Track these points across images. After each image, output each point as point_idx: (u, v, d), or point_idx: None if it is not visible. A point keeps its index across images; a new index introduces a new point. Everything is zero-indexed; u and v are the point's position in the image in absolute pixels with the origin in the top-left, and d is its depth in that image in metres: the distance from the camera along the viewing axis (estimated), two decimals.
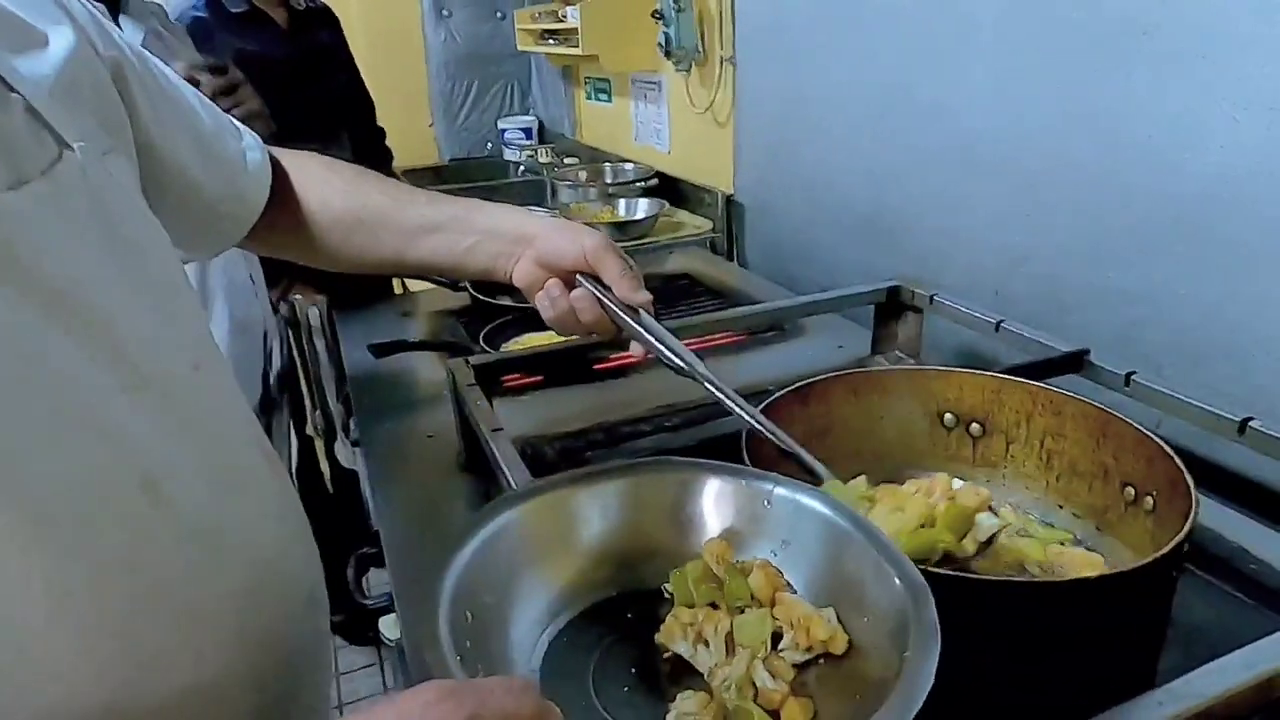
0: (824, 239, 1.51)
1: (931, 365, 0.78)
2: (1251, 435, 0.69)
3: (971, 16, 1.09)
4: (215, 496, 0.48)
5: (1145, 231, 0.91)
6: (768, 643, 0.45)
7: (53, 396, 0.41)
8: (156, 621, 0.43)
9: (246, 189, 0.70)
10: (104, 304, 0.44)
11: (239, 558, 0.49)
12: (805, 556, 0.49)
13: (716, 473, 0.53)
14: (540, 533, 0.50)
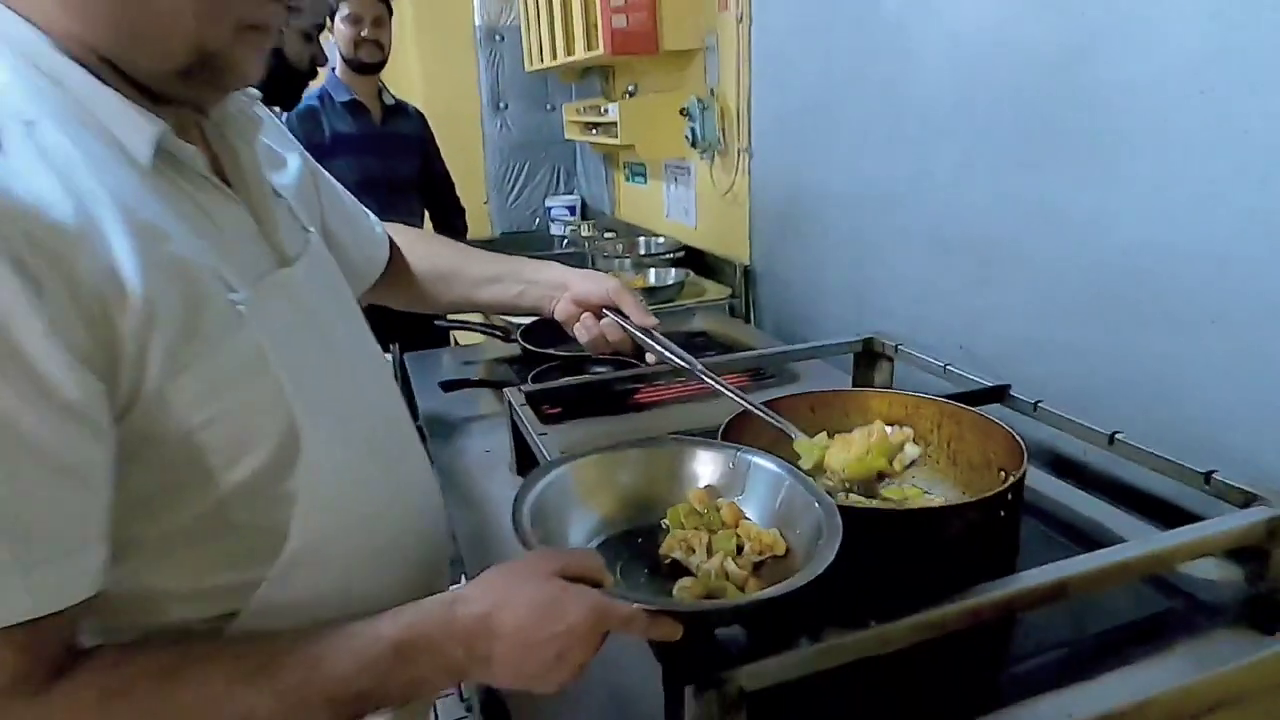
0: (822, 303, 1.75)
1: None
2: (1118, 446, 0.90)
3: (934, 121, 1.34)
4: (395, 443, 0.74)
5: (1072, 296, 1.13)
6: (733, 549, 0.68)
7: (323, 379, 0.66)
8: (401, 494, 0.70)
9: (375, 253, 1.00)
10: (336, 328, 0.71)
11: (418, 477, 0.76)
12: (758, 497, 0.72)
13: (701, 446, 0.77)
14: (583, 482, 0.74)
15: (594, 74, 2.95)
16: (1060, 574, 0.67)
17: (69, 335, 0.47)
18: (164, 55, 0.55)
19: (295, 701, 0.52)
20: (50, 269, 0.46)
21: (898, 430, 0.85)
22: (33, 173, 0.48)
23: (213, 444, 0.55)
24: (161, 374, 0.51)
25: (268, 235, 0.66)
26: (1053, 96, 1.11)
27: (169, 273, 0.52)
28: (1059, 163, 1.12)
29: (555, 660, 0.55)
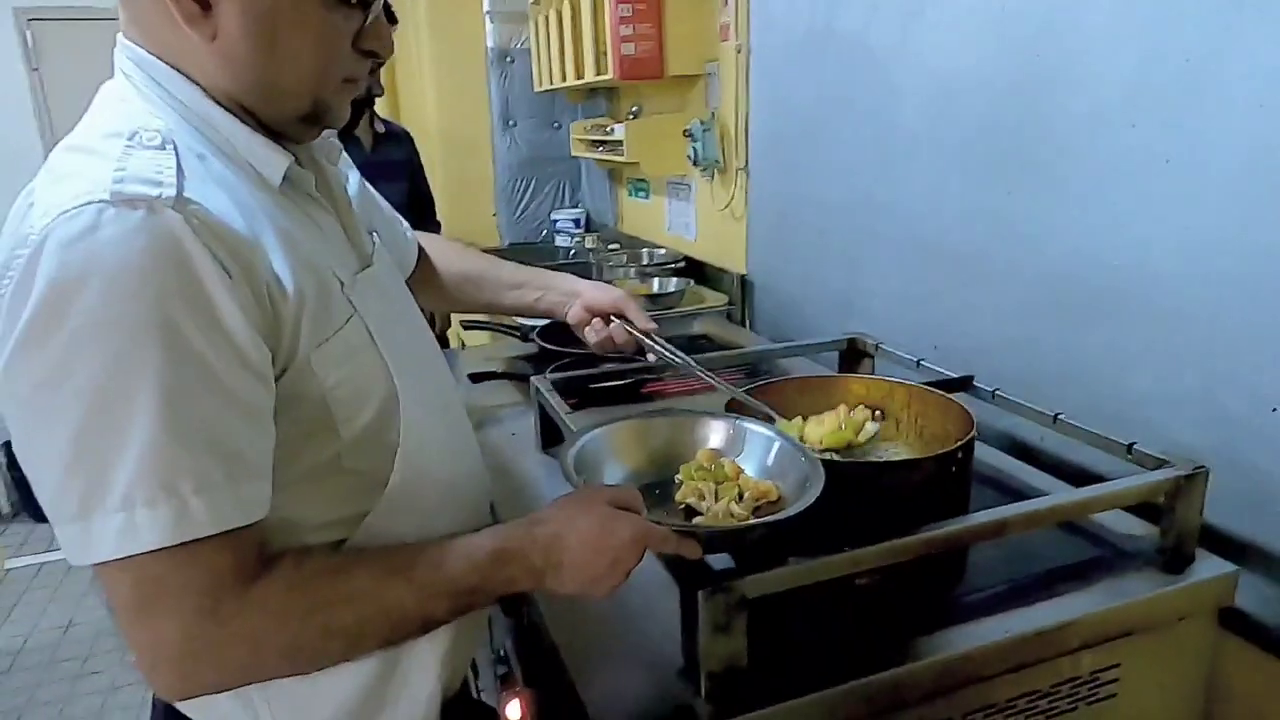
0: (813, 308, 1.91)
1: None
2: (1060, 424, 1.06)
3: (912, 145, 1.51)
4: (457, 408, 0.90)
5: (1026, 298, 1.29)
6: (736, 496, 0.84)
7: (411, 353, 0.81)
8: (462, 445, 0.87)
9: (407, 253, 1.16)
10: (409, 314, 0.87)
11: (470, 435, 0.91)
12: (755, 456, 0.88)
13: (708, 416, 0.93)
14: (614, 443, 0.91)
15: (600, 95, 3.12)
16: (999, 516, 0.83)
17: (252, 314, 0.62)
18: (292, 105, 0.71)
19: (427, 593, 0.68)
20: (236, 265, 0.61)
21: (861, 409, 1.01)
22: (214, 197, 0.63)
23: (339, 402, 0.69)
24: (306, 347, 0.67)
25: (352, 239, 0.81)
26: (1011, 125, 1.28)
27: (307, 270, 0.68)
28: (1015, 182, 1.29)
29: (609, 567, 0.70)
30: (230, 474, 0.61)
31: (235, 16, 0.64)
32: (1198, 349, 1.03)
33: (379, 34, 0.73)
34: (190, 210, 0.60)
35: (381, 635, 0.68)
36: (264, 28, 0.65)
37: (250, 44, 0.66)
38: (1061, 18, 1.17)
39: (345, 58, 0.71)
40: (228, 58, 0.66)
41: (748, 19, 2.01)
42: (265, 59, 0.67)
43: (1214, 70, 0.98)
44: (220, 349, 0.60)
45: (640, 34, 2.22)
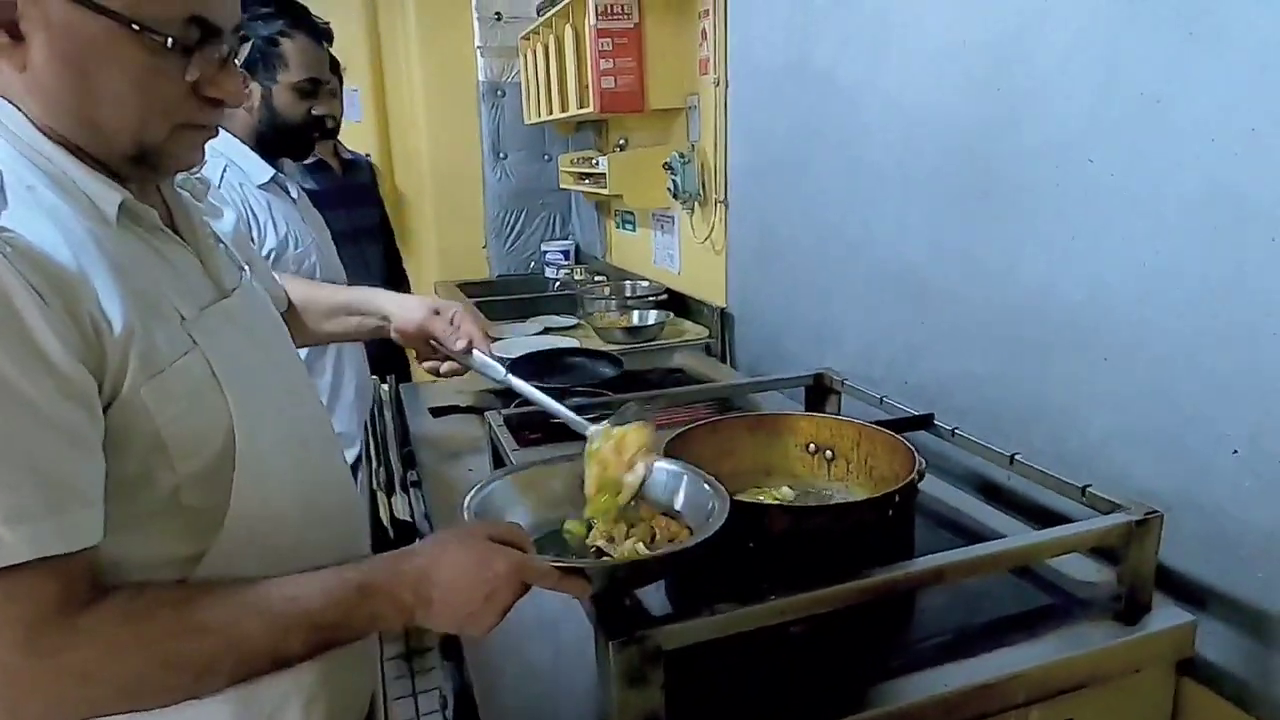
0: (789, 341, 1.89)
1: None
2: (1016, 465, 1.03)
3: (881, 179, 1.50)
4: (322, 445, 0.87)
5: (990, 334, 1.27)
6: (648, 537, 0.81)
7: (263, 386, 0.78)
8: (322, 483, 0.83)
9: (279, 295, 1.11)
10: (274, 353, 0.84)
11: (334, 471, 0.88)
12: (666, 494, 0.86)
13: None
14: (521, 487, 0.88)
15: (588, 127, 3.14)
16: (938, 562, 0.80)
17: (72, 343, 0.59)
18: (111, 146, 0.68)
19: (281, 626, 0.65)
20: (56, 295, 0.59)
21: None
22: (39, 225, 0.61)
23: (174, 438, 0.66)
24: (136, 380, 0.64)
25: (210, 272, 0.78)
26: (974, 159, 1.26)
27: (139, 303, 0.65)
28: (978, 216, 1.27)
29: (484, 602, 0.68)
30: (50, 501, 0.58)
31: (43, 49, 0.62)
32: (1158, 387, 1.00)
33: (220, 81, 0.69)
34: (5, 238, 0.58)
35: (230, 670, 0.65)
36: (73, 65, 0.63)
37: (59, 80, 0.64)
38: (1019, 54, 1.16)
39: (177, 102, 0.68)
40: (39, 91, 0.65)
41: (725, 53, 2.01)
42: (77, 97, 0.65)
43: (1169, 105, 0.96)
44: (36, 376, 0.58)
45: (620, 68, 2.23)
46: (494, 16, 3.18)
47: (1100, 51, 1.04)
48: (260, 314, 0.86)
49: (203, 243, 0.79)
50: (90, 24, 0.62)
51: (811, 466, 1.05)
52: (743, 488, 0.98)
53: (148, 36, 0.63)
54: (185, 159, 0.73)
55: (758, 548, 0.80)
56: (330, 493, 0.85)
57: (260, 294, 0.89)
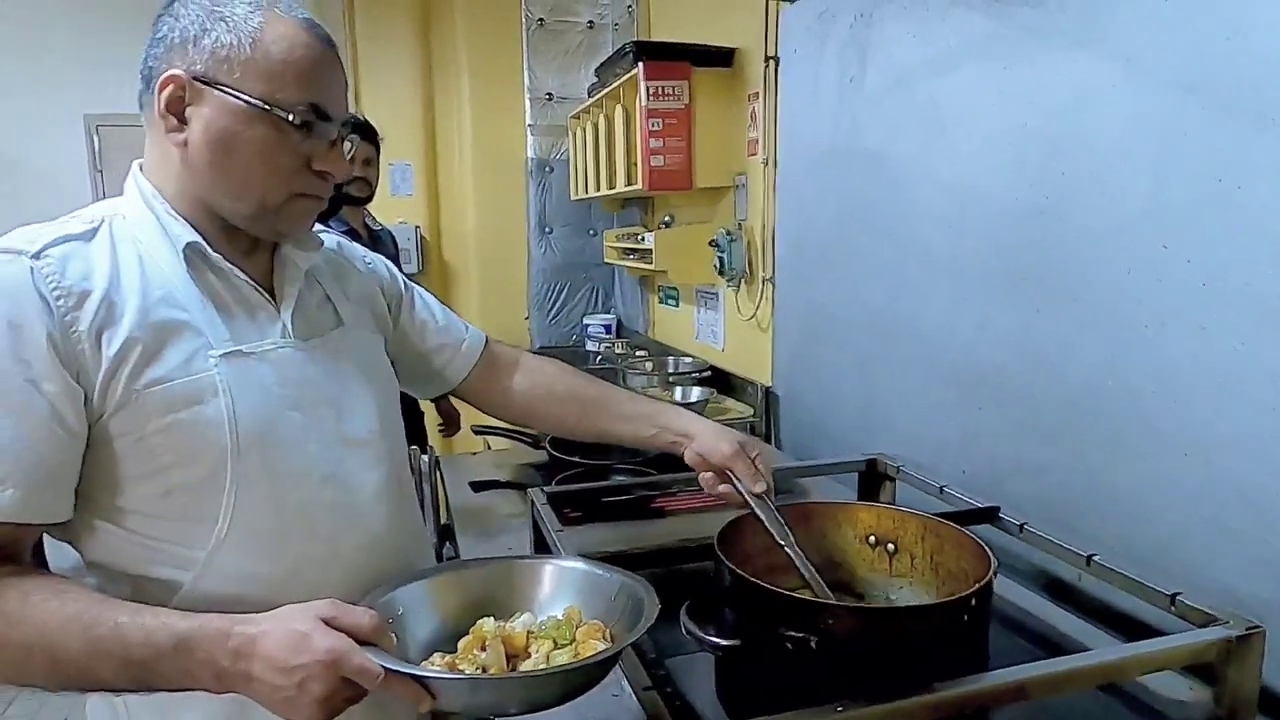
0: (836, 423, 1.84)
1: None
2: (1094, 567, 0.96)
3: (930, 260, 1.47)
4: (370, 497, 0.89)
5: (1049, 421, 1.21)
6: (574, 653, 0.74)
7: (279, 424, 0.82)
8: (328, 529, 0.85)
9: (455, 362, 1.13)
10: (326, 398, 0.87)
11: (372, 525, 0.88)
12: (602, 600, 0.80)
13: (543, 561, 0.86)
14: (442, 589, 0.82)
15: (634, 204, 3.17)
16: (1020, 676, 0.73)
17: (66, 353, 0.72)
18: (237, 207, 0.82)
19: (97, 650, 0.68)
20: (68, 310, 0.73)
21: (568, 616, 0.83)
22: (97, 262, 0.77)
23: (164, 446, 0.76)
24: (126, 390, 0.75)
25: (283, 319, 0.87)
26: (1032, 243, 1.23)
27: (156, 326, 0.77)
28: (1036, 301, 1.23)
29: (298, 689, 0.66)
30: None
31: (200, 130, 0.79)
32: (1243, 484, 0.93)
33: (330, 158, 0.84)
34: (41, 263, 0.74)
35: (44, 672, 0.70)
36: (220, 141, 0.79)
37: (208, 153, 0.80)
38: (1075, 135, 1.14)
39: (294, 173, 0.82)
40: (192, 164, 0.81)
41: (775, 135, 2.03)
42: (217, 166, 0.80)
43: (1246, 189, 0.92)
44: (22, 371, 0.71)
45: (670, 147, 2.25)
46: (545, 96, 3.27)
47: (1159, 135, 1.01)
48: (331, 363, 0.90)
49: (288, 296, 0.88)
50: (236, 108, 0.78)
51: (872, 560, 0.99)
52: (798, 583, 0.93)
53: (277, 115, 0.79)
54: (297, 224, 0.86)
55: (821, 648, 0.74)
56: (351, 539, 0.86)
57: (352, 348, 0.94)
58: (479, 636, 0.75)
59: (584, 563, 0.85)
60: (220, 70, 0.78)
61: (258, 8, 0.80)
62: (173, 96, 0.79)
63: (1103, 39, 1.09)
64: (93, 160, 4.21)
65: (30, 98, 4.13)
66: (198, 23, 0.79)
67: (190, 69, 0.79)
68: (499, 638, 0.75)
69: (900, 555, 0.98)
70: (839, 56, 1.71)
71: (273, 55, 0.79)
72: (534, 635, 0.76)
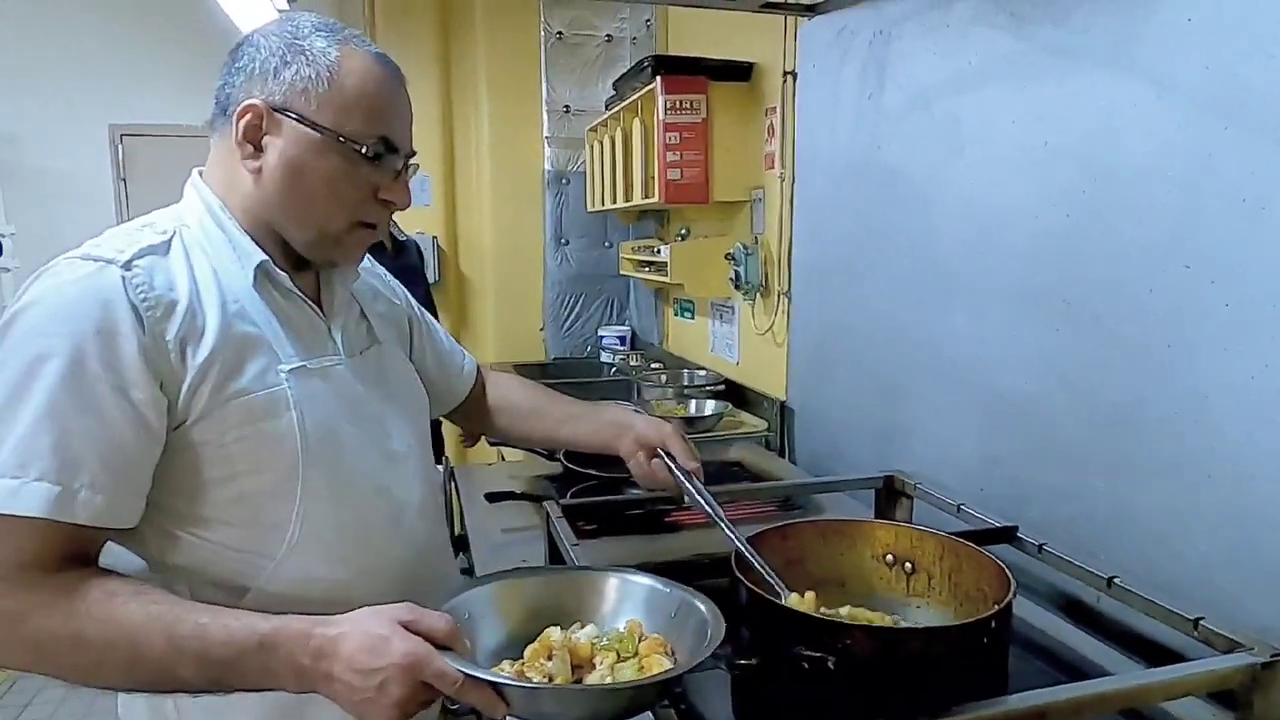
0: (852, 440, 1.83)
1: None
2: (1115, 589, 0.95)
3: (950, 278, 1.46)
4: (414, 507, 0.94)
5: (1072, 445, 1.20)
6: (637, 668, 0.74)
7: (339, 434, 0.86)
8: (381, 536, 0.91)
9: (456, 384, 1.23)
10: (374, 413, 0.92)
11: (417, 534, 0.94)
12: (663, 615, 0.81)
13: (611, 573, 0.86)
14: (509, 595, 0.83)
15: (650, 216, 3.18)
16: (1041, 700, 0.72)
17: (153, 357, 0.75)
18: (302, 229, 0.87)
19: (179, 650, 0.70)
20: (157, 320, 0.76)
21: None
22: (177, 273, 0.81)
23: (240, 454, 0.80)
24: (210, 400, 0.78)
25: (333, 336, 0.93)
26: (1055, 264, 1.22)
27: (235, 340, 0.81)
28: (1059, 323, 1.22)
29: (377, 691, 0.67)
30: (73, 478, 0.71)
31: (275, 158, 0.83)
32: (1270, 512, 0.92)
33: (395, 189, 0.88)
34: (132, 273, 0.77)
35: (125, 670, 0.71)
36: (293, 168, 0.83)
37: (279, 179, 0.84)
38: (1103, 154, 1.13)
39: (359, 204, 0.86)
40: (264, 189, 0.85)
41: (793, 150, 2.03)
42: (288, 191, 0.84)
43: (1271, 205, 0.91)
44: (111, 379, 0.73)
45: (687, 161, 2.26)
46: (563, 109, 3.29)
47: (1190, 154, 1.00)
48: (374, 378, 0.96)
49: (335, 314, 0.93)
50: (310, 138, 0.82)
51: (889, 580, 0.98)
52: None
53: (350, 147, 0.82)
54: (354, 253, 0.91)
55: (838, 668, 0.73)
56: (400, 548, 0.91)
57: (390, 364, 1.01)
58: (545, 645, 0.76)
59: (647, 577, 0.85)
60: (298, 102, 0.82)
61: (335, 42, 0.84)
62: (250, 125, 0.82)
63: (1130, 59, 1.08)
64: (116, 170, 4.28)
65: (55, 107, 4.21)
66: (278, 54, 0.83)
67: (269, 99, 0.82)
68: (566, 648, 0.75)
69: (918, 575, 0.97)
70: (858, 73, 1.71)
71: (348, 89, 0.82)
72: (598, 647, 0.76)
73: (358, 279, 1.00)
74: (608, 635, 0.79)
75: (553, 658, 0.74)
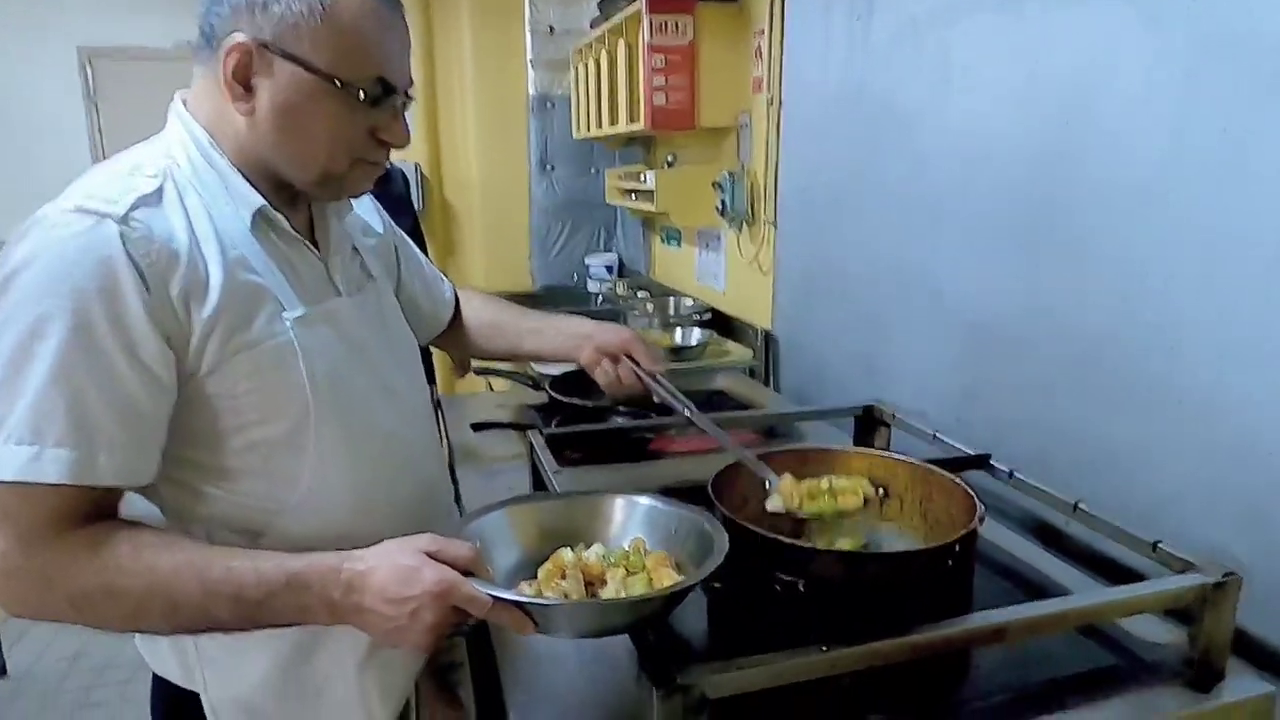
0: (836, 369, 1.85)
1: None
2: (1079, 514, 0.98)
3: (938, 209, 1.46)
4: (418, 446, 0.97)
5: (1051, 376, 1.22)
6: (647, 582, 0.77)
7: (346, 378, 0.86)
8: (404, 480, 0.94)
9: (441, 310, 1.24)
10: (376, 354, 0.92)
11: (421, 473, 0.96)
12: (660, 535, 0.84)
13: (618, 496, 0.88)
14: (520, 519, 0.86)
15: (637, 143, 3.13)
16: (1002, 619, 0.76)
17: (160, 315, 0.74)
18: (303, 173, 0.84)
19: (212, 592, 0.72)
20: (159, 276, 0.74)
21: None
22: (174, 221, 0.78)
23: (257, 403, 0.80)
24: (218, 353, 0.77)
25: (331, 276, 0.91)
26: (1039, 195, 1.22)
27: (240, 290, 0.79)
28: (1041, 254, 1.22)
29: (409, 619, 0.69)
30: (91, 442, 0.71)
31: (267, 100, 0.79)
32: (1240, 443, 0.94)
33: (393, 128, 0.85)
34: (131, 226, 0.74)
35: (162, 615, 0.73)
36: (286, 111, 0.80)
37: (274, 122, 0.80)
38: (1090, 87, 1.12)
39: (357, 143, 0.83)
40: (257, 130, 0.81)
41: (780, 74, 1.99)
42: (285, 135, 0.81)
43: (1254, 143, 0.91)
44: (118, 338, 0.72)
45: (673, 85, 2.21)
46: (547, 30, 3.19)
47: (1177, 85, 0.99)
48: (377, 320, 0.96)
49: (333, 253, 0.92)
50: (304, 80, 0.78)
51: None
52: (788, 528, 0.95)
53: (345, 90, 0.79)
54: (358, 187, 0.89)
55: (808, 591, 0.76)
56: (407, 487, 0.93)
57: (385, 302, 1.01)
58: (559, 565, 0.78)
59: (647, 497, 0.88)
60: (289, 40, 0.77)
61: None
62: (239, 64, 0.78)
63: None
64: (88, 94, 4.15)
65: (17, 28, 4.03)
66: None
67: (258, 36, 0.77)
68: (578, 567, 0.78)
69: (891, 501, 1.00)
70: None
71: (343, 25, 0.78)
72: (607, 564, 0.80)
73: (350, 209, 0.98)
74: (614, 553, 0.82)
75: (566, 577, 0.77)
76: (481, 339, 1.28)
